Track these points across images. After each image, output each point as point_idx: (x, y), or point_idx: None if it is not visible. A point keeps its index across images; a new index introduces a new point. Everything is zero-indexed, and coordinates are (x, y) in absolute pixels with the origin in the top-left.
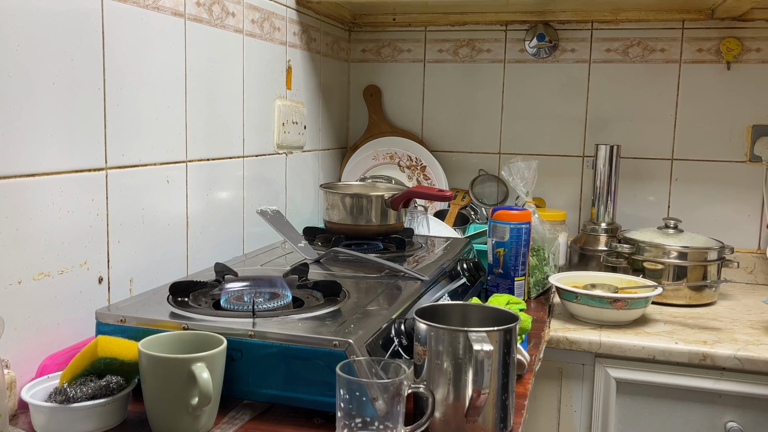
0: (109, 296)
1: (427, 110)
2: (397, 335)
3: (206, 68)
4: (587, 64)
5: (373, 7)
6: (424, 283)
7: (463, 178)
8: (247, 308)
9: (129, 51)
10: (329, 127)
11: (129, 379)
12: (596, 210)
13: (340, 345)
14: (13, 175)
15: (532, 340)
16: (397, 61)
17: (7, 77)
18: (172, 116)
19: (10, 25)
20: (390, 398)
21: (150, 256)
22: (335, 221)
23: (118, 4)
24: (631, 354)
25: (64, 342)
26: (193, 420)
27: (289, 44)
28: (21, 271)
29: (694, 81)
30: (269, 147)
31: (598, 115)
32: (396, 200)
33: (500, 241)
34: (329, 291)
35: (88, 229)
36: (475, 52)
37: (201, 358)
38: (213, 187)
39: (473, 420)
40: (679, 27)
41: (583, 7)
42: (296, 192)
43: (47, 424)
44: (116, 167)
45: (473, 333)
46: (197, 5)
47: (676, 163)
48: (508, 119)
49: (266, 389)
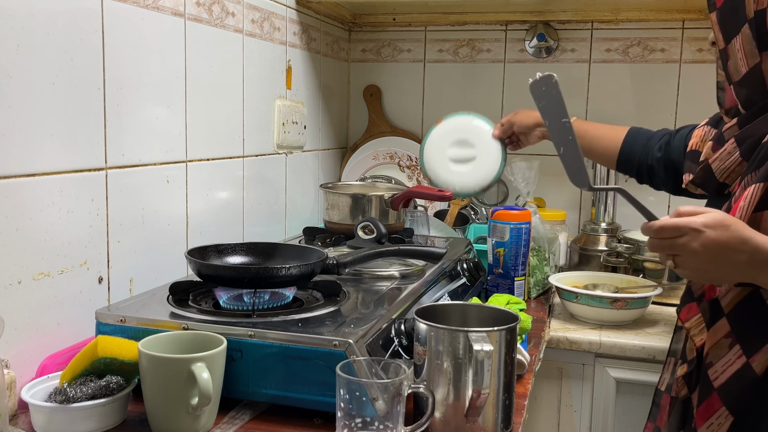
0: (109, 296)
1: (427, 110)
2: (397, 335)
3: (206, 68)
4: (587, 64)
5: (373, 7)
6: (424, 283)
7: None
8: (247, 308)
9: (129, 51)
10: (329, 127)
11: (129, 379)
12: (596, 210)
13: (340, 345)
14: (13, 175)
15: (532, 340)
16: (397, 61)
17: (7, 77)
18: (172, 116)
19: (10, 25)
20: (390, 398)
21: (150, 256)
22: (335, 221)
23: (118, 4)
24: (631, 354)
25: (64, 342)
26: (193, 420)
27: (289, 44)
28: (21, 271)
29: (694, 81)
30: (269, 147)
31: (598, 115)
32: (396, 200)
33: (500, 241)
34: (329, 291)
35: (88, 229)
36: (475, 52)
37: (201, 358)
38: (213, 187)
39: (473, 420)
40: (679, 27)
41: (583, 7)
42: (296, 192)
43: (47, 424)
44: (116, 167)
45: (473, 333)
46: (197, 5)
47: None
48: None
49: (266, 389)
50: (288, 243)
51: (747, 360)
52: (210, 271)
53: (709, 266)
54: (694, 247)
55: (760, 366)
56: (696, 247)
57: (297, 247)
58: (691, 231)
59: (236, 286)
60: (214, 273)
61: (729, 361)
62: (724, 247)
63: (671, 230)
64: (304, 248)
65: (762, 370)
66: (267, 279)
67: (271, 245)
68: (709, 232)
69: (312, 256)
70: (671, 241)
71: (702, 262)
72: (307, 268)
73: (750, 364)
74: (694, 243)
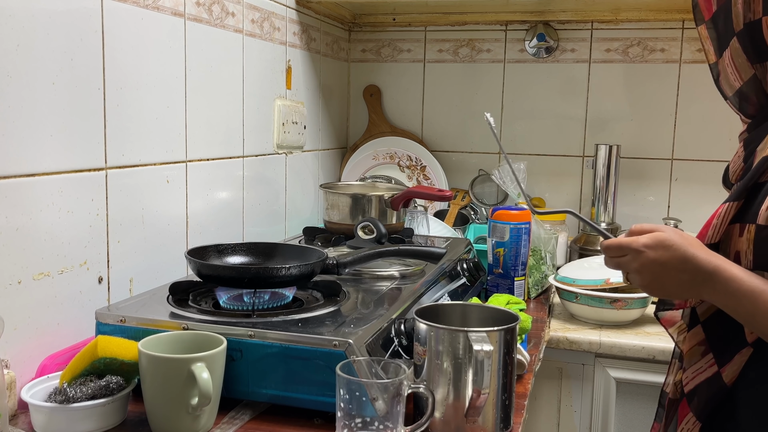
0: (109, 296)
1: (427, 110)
2: (397, 335)
3: (206, 68)
4: (587, 64)
5: (373, 7)
6: (424, 283)
7: (463, 178)
8: (247, 308)
9: (129, 51)
10: (329, 127)
11: (129, 379)
12: (596, 210)
13: (340, 345)
14: (13, 175)
15: (532, 340)
16: (397, 61)
17: (7, 77)
18: (172, 116)
19: (10, 25)
20: (390, 398)
21: (150, 256)
22: (335, 221)
23: (118, 4)
24: (631, 354)
25: (64, 342)
26: (193, 420)
27: (289, 44)
28: (21, 271)
29: (694, 81)
30: (269, 147)
31: (598, 115)
32: (396, 200)
33: (500, 241)
34: (329, 291)
35: (88, 229)
36: (475, 52)
37: (201, 358)
38: (213, 187)
39: (473, 420)
40: (679, 27)
41: (583, 7)
42: (296, 192)
43: (47, 424)
44: (116, 167)
45: (473, 333)
46: (197, 5)
47: (676, 163)
48: (508, 119)
49: (266, 389)
50: (288, 243)
51: (718, 369)
52: (210, 271)
53: (653, 284)
54: (635, 267)
55: (729, 377)
56: (636, 267)
57: (297, 247)
58: (631, 251)
59: (236, 286)
60: (214, 273)
61: (700, 368)
62: (665, 267)
63: (615, 250)
64: (304, 248)
65: (731, 380)
66: (267, 279)
67: (271, 245)
68: (648, 252)
69: (312, 256)
70: (616, 260)
71: (645, 280)
72: (307, 268)
73: (720, 373)
74: (634, 263)
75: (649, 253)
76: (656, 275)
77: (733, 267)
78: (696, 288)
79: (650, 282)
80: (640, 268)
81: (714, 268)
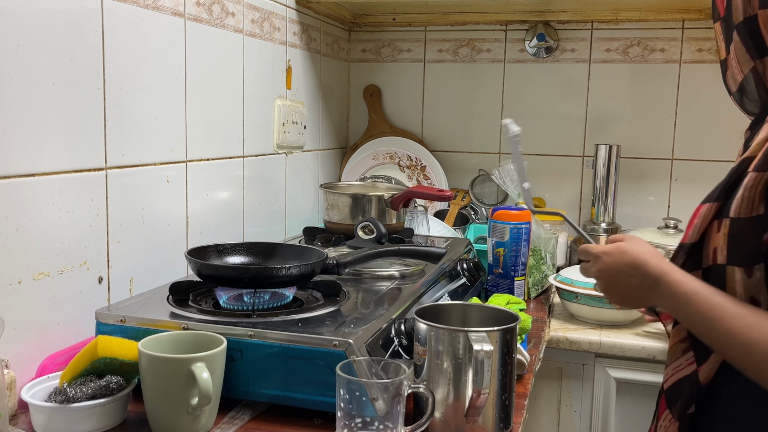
0: (109, 296)
1: (426, 110)
2: (397, 335)
3: (206, 68)
4: (587, 64)
5: (373, 7)
6: (424, 283)
7: (463, 178)
8: (247, 308)
9: (129, 51)
10: (329, 127)
11: (129, 379)
12: (596, 210)
13: (340, 345)
14: (13, 175)
15: (532, 340)
16: (397, 61)
17: (7, 77)
18: (172, 116)
19: (10, 25)
20: (390, 398)
21: (150, 256)
22: (335, 221)
23: (118, 4)
24: (631, 354)
25: (64, 342)
26: (193, 420)
27: (289, 44)
28: (21, 271)
29: (694, 81)
30: (269, 147)
31: (598, 115)
32: (396, 200)
33: (500, 241)
34: (329, 291)
35: (88, 229)
36: (475, 52)
37: (201, 358)
38: (213, 187)
39: (473, 420)
40: (679, 27)
41: (583, 7)
42: (296, 192)
43: (47, 424)
44: (116, 167)
45: (473, 333)
46: (197, 5)
47: (676, 163)
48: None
49: (266, 389)
50: (288, 243)
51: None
52: (210, 271)
53: (610, 289)
54: (593, 272)
55: (704, 375)
56: (595, 272)
57: (297, 247)
58: (591, 257)
59: (236, 286)
60: (214, 273)
61: (679, 366)
62: (617, 272)
63: (582, 254)
64: (304, 248)
65: (706, 379)
66: (267, 279)
67: (271, 245)
68: (604, 258)
69: (312, 256)
70: (582, 264)
71: (604, 285)
72: (307, 268)
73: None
74: (593, 268)
75: (605, 258)
76: (611, 279)
77: (677, 272)
78: (645, 292)
79: (607, 287)
80: (598, 273)
81: (660, 272)
